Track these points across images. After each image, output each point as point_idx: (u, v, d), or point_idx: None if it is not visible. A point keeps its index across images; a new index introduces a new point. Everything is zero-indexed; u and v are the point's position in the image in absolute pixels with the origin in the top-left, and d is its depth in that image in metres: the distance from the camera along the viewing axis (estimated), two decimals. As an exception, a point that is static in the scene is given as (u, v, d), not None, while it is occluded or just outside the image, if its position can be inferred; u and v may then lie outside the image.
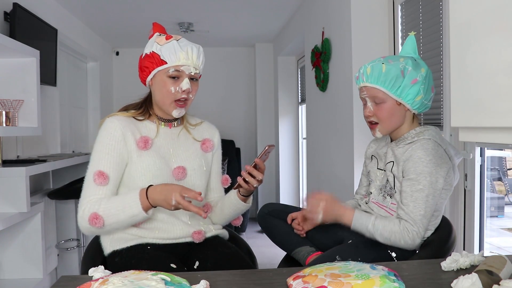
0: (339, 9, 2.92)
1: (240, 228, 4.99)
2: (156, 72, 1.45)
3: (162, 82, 1.44)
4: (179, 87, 1.44)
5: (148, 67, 1.46)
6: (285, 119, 5.43)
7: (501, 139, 0.80)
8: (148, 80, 1.49)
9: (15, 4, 2.74)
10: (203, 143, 1.59)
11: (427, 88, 1.45)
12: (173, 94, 1.44)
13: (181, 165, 1.50)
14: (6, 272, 2.50)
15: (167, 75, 1.43)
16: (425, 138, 1.43)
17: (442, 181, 1.40)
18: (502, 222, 3.60)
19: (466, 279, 0.93)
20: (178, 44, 1.43)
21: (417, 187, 1.39)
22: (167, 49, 1.42)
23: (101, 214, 1.34)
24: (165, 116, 1.53)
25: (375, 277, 0.91)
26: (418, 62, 1.47)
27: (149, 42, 1.49)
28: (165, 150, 1.50)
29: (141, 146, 1.44)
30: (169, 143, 1.52)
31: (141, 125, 1.50)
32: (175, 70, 1.43)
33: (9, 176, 2.28)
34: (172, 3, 3.85)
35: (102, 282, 0.91)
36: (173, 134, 1.54)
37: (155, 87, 1.48)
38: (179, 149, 1.53)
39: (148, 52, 1.46)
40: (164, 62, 1.42)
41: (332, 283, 0.91)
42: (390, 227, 1.40)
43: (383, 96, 1.46)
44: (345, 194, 2.76)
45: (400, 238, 1.39)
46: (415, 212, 1.38)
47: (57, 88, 3.64)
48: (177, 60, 1.42)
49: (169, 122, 1.55)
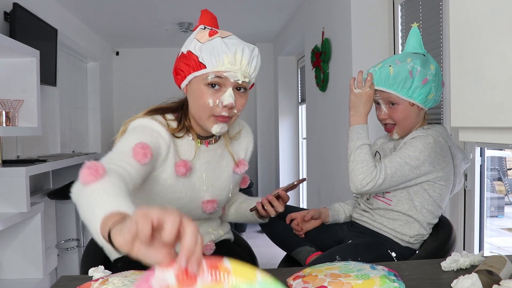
0: (339, 9, 2.92)
1: (240, 228, 5.00)
2: (192, 77, 1.16)
3: (198, 91, 1.14)
4: (220, 100, 1.13)
5: (184, 71, 1.16)
6: (285, 119, 5.43)
7: (501, 139, 0.80)
8: (182, 86, 1.20)
9: (15, 4, 2.74)
10: (237, 166, 1.35)
11: (437, 85, 1.44)
12: (211, 108, 1.14)
13: (214, 198, 1.29)
14: (6, 272, 2.50)
15: (206, 83, 1.13)
16: (432, 131, 1.44)
17: (428, 167, 1.39)
18: (502, 222, 3.60)
19: (466, 279, 0.93)
20: (224, 43, 1.12)
21: (403, 153, 1.40)
22: (207, 49, 1.12)
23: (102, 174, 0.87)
24: (202, 132, 1.24)
25: (375, 277, 0.91)
26: (427, 58, 1.45)
27: (190, 36, 1.19)
28: (199, 176, 1.24)
29: (181, 172, 1.17)
30: (203, 166, 1.25)
31: (180, 142, 1.21)
32: (216, 76, 1.12)
33: (9, 176, 2.28)
34: (172, 3, 3.85)
35: (102, 282, 0.91)
36: (210, 155, 1.27)
37: (191, 96, 1.18)
38: (213, 175, 1.28)
39: (184, 51, 1.16)
40: (203, 66, 1.12)
41: (332, 283, 0.91)
42: (369, 158, 1.40)
43: (395, 99, 1.45)
44: (345, 194, 2.76)
45: (363, 171, 1.38)
46: (387, 166, 1.38)
47: (57, 88, 3.64)
48: (219, 65, 1.11)
49: (206, 139, 1.26)
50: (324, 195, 3.47)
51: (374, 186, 1.38)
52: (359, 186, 1.39)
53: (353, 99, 1.48)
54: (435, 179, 1.43)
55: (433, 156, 1.39)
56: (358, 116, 1.47)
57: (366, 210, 1.58)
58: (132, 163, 1.01)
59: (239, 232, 5.00)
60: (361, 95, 1.46)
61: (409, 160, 1.38)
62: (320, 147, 3.56)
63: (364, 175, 1.38)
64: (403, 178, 1.40)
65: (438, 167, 1.41)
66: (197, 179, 1.24)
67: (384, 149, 1.58)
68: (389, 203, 1.48)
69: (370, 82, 1.46)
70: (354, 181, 1.40)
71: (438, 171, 1.42)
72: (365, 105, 1.47)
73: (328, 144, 3.30)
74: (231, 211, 1.51)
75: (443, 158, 1.42)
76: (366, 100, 1.47)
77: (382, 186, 1.39)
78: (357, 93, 1.47)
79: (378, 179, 1.37)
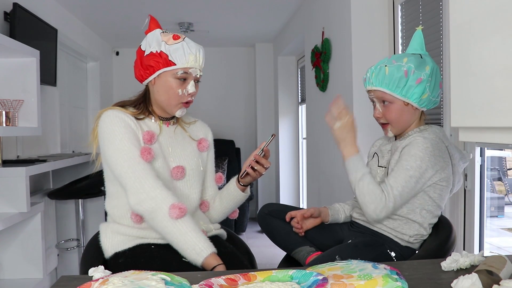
0: (339, 9, 2.92)
1: (240, 228, 4.99)
2: (161, 72, 1.42)
3: (168, 83, 1.42)
4: (186, 90, 1.43)
5: (153, 66, 1.41)
6: (285, 119, 5.43)
7: (501, 139, 0.80)
8: (149, 79, 1.45)
9: (15, 4, 2.73)
10: (199, 143, 1.59)
11: (433, 85, 1.45)
12: (180, 96, 1.43)
13: (180, 164, 1.49)
14: (6, 272, 2.50)
15: (175, 77, 1.41)
16: (428, 133, 1.45)
17: (431, 172, 1.41)
18: (502, 222, 3.60)
19: (466, 279, 0.93)
20: (188, 45, 1.41)
21: (404, 166, 1.40)
22: (176, 50, 1.39)
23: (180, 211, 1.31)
24: (164, 114, 1.52)
25: (377, 277, 0.91)
26: (424, 59, 1.45)
27: (150, 38, 1.44)
28: (165, 148, 1.48)
29: (146, 139, 1.41)
30: (167, 141, 1.50)
31: (142, 123, 1.47)
32: (184, 72, 1.41)
33: (9, 176, 2.28)
34: (172, 3, 3.85)
35: (102, 282, 0.91)
36: (171, 132, 1.53)
37: (158, 87, 1.44)
38: (177, 148, 1.52)
39: (154, 51, 1.41)
40: (173, 63, 1.39)
41: (335, 284, 0.91)
42: (373, 187, 1.41)
43: (390, 98, 1.47)
44: (345, 194, 2.76)
45: (373, 201, 1.40)
46: (393, 187, 1.39)
47: (57, 88, 3.64)
48: (186, 63, 1.40)
49: (167, 121, 1.53)
50: (324, 195, 3.47)
51: (388, 212, 1.41)
52: (375, 216, 1.42)
53: (337, 134, 1.50)
54: (436, 181, 1.43)
55: (433, 160, 1.40)
56: (348, 147, 1.49)
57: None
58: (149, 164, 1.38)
59: (239, 232, 5.01)
60: (343, 127, 1.49)
61: (412, 173, 1.39)
62: (320, 147, 3.56)
63: (375, 205, 1.40)
64: (412, 192, 1.42)
65: (439, 169, 1.42)
66: (165, 151, 1.48)
67: (382, 150, 1.59)
68: None
69: (345, 111, 1.49)
70: (369, 212, 1.43)
71: (440, 173, 1.42)
72: (350, 134, 1.50)
73: (328, 144, 3.30)
74: (216, 204, 1.62)
75: (443, 159, 1.43)
76: (349, 129, 1.49)
77: (396, 207, 1.42)
78: (339, 127, 1.49)
79: (389, 204, 1.39)
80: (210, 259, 1.30)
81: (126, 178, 1.35)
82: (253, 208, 5.75)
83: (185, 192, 1.51)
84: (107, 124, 1.40)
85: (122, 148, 1.37)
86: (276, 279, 0.98)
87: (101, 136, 1.42)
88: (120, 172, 1.37)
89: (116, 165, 1.37)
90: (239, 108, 5.93)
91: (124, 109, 1.46)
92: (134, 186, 1.34)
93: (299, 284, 0.93)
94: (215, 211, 1.63)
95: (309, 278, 0.94)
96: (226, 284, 0.95)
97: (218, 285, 0.93)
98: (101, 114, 1.44)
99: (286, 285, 0.93)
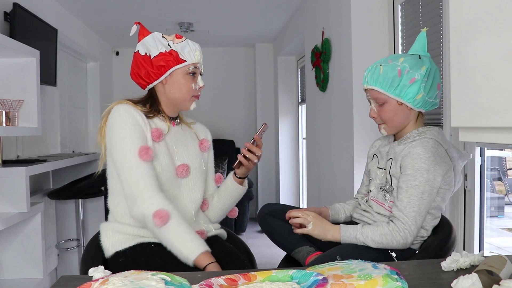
0: (339, 9, 2.92)
1: (240, 228, 4.99)
2: (173, 70, 1.47)
3: (181, 79, 1.48)
4: (197, 84, 1.51)
5: (165, 65, 1.45)
6: (285, 119, 5.43)
7: (501, 139, 0.80)
8: (161, 79, 1.48)
9: (15, 4, 2.74)
10: (201, 143, 1.63)
11: (429, 86, 1.44)
12: (193, 90, 1.51)
13: (185, 163, 1.53)
14: (6, 272, 2.50)
15: (187, 72, 1.48)
16: (427, 137, 1.44)
17: (440, 179, 1.41)
18: (502, 222, 3.59)
19: (466, 279, 0.93)
20: (191, 42, 1.49)
21: (413, 183, 1.40)
22: (184, 47, 1.46)
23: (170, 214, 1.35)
24: (172, 114, 1.56)
25: (377, 277, 0.91)
26: (422, 59, 1.45)
27: (152, 41, 1.47)
28: (170, 146, 1.52)
29: (155, 136, 1.45)
30: (173, 140, 1.54)
31: (151, 121, 1.50)
32: (194, 67, 1.49)
33: (9, 176, 2.28)
34: (172, 3, 3.85)
35: (102, 282, 0.91)
36: (176, 131, 1.57)
37: (171, 85, 1.49)
38: (182, 147, 1.55)
39: (163, 51, 1.45)
40: (183, 60, 1.46)
41: (335, 284, 0.91)
42: (379, 231, 1.42)
43: (384, 97, 1.47)
44: (345, 194, 2.76)
45: (391, 239, 1.40)
46: (409, 208, 1.39)
47: (57, 88, 3.64)
48: (194, 58, 1.48)
49: (173, 120, 1.57)
50: (324, 195, 3.47)
51: (413, 234, 1.40)
52: (406, 245, 1.42)
53: (315, 231, 1.53)
54: (440, 186, 1.43)
55: (438, 168, 1.40)
56: (331, 231, 1.51)
57: (366, 210, 1.58)
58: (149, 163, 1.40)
59: (239, 232, 5.01)
60: (315, 225, 1.52)
61: (423, 188, 1.39)
62: (320, 147, 3.56)
63: (396, 240, 1.40)
64: (429, 205, 1.42)
65: (444, 174, 1.42)
66: (171, 149, 1.52)
67: (381, 152, 1.59)
68: (390, 211, 1.48)
69: (305, 213, 1.55)
70: (399, 247, 1.43)
71: (444, 177, 1.42)
72: (324, 223, 1.54)
73: (328, 144, 3.30)
74: (215, 201, 1.65)
75: (445, 163, 1.43)
76: (320, 220, 1.54)
77: (419, 225, 1.41)
78: (312, 227, 1.53)
79: (410, 227, 1.39)
80: (198, 260, 1.32)
81: (123, 181, 1.40)
82: (253, 208, 5.75)
83: (189, 189, 1.54)
84: (115, 119, 1.42)
85: (124, 149, 1.39)
86: (276, 279, 0.98)
87: (108, 131, 1.44)
88: (119, 173, 1.41)
89: (117, 164, 1.41)
90: (239, 108, 5.93)
91: (135, 105, 1.49)
92: (126, 193, 1.40)
93: (299, 284, 0.93)
94: (214, 208, 1.65)
95: (309, 278, 0.94)
96: (226, 284, 0.95)
97: (218, 285, 0.93)
98: (111, 109, 1.46)
99: (286, 285, 0.93)
